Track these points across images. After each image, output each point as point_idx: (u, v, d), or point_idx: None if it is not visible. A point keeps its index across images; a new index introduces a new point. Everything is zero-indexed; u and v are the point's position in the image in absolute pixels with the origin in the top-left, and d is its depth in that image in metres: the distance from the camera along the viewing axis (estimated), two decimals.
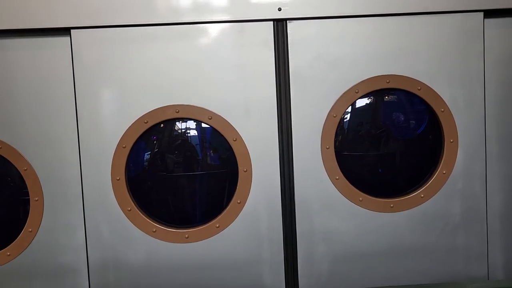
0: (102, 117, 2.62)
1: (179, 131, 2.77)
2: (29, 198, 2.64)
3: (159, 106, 2.60)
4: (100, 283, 2.68)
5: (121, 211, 2.64)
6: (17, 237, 2.65)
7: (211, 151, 2.86)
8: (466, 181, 2.73)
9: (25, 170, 2.62)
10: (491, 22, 2.67)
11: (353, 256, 2.72)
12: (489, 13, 2.65)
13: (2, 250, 2.65)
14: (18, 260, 2.66)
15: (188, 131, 2.78)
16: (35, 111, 2.60)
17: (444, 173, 2.71)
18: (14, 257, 2.66)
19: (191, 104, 2.61)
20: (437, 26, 2.65)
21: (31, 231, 2.65)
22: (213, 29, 2.60)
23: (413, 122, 2.86)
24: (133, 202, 2.65)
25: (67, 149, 2.62)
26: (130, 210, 2.64)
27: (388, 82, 2.66)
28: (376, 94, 2.74)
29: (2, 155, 2.61)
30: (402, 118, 2.83)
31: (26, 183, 2.63)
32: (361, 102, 2.76)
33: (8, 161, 2.62)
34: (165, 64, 2.60)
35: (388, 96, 2.80)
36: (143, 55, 2.58)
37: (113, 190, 2.63)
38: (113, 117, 2.62)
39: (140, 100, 2.60)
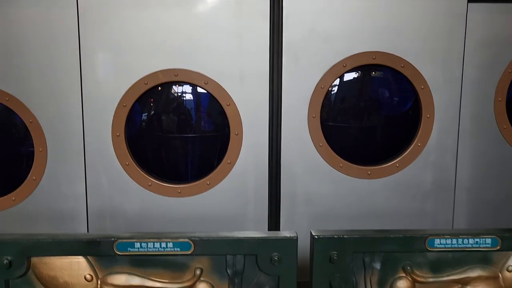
0: (105, 76, 2.78)
1: (177, 94, 2.95)
2: (33, 149, 2.82)
3: (159, 69, 2.76)
4: (98, 229, 2.90)
5: (119, 165, 2.84)
6: (22, 184, 2.85)
7: (206, 115, 3.05)
8: (438, 154, 2.96)
9: (30, 122, 2.79)
10: (475, 6, 2.84)
11: (331, 217, 2.97)
12: None
13: (8, 195, 2.85)
14: (22, 205, 2.86)
15: (185, 94, 2.96)
16: (41, 66, 2.74)
17: (419, 146, 2.94)
18: (19, 202, 2.86)
19: (189, 69, 2.78)
20: (424, 7, 2.81)
21: (35, 179, 2.84)
22: None
23: (394, 97, 3.07)
24: (131, 157, 2.85)
25: (71, 104, 2.79)
26: (128, 164, 2.85)
27: (374, 58, 2.84)
28: (363, 69, 2.93)
29: (9, 106, 2.77)
30: (385, 93, 3.04)
31: (31, 134, 2.80)
32: (348, 76, 2.95)
33: (15, 112, 2.78)
34: (167, 29, 2.74)
35: (373, 72, 2.99)
36: (147, 19, 2.72)
37: (113, 145, 2.82)
38: (115, 77, 2.78)
39: (141, 62, 2.75)
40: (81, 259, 2.05)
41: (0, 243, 1.97)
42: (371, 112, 3.05)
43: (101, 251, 2.01)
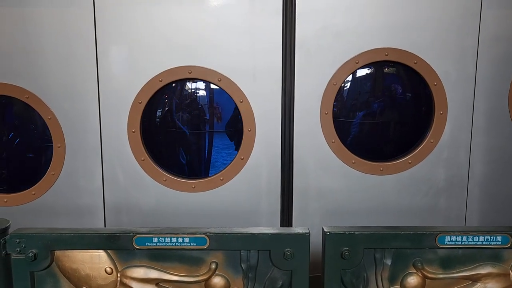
0: (121, 73, 2.84)
1: (191, 90, 2.99)
2: (52, 145, 2.90)
3: (173, 66, 2.81)
4: (114, 223, 2.99)
5: (135, 160, 2.91)
6: (41, 179, 2.93)
7: (219, 111, 3.09)
8: (451, 151, 2.97)
9: (49, 118, 2.86)
10: (489, 2, 2.83)
11: (343, 212, 3.00)
12: None
13: (28, 190, 2.94)
14: (42, 200, 2.95)
15: (198, 91, 3.01)
16: (59, 64, 2.81)
17: (431, 142, 2.95)
18: (38, 196, 2.95)
19: (203, 66, 2.82)
20: (437, 2, 2.81)
21: (53, 174, 2.93)
22: None
23: (407, 93, 3.07)
24: (147, 153, 2.92)
25: (88, 101, 2.85)
26: (143, 160, 2.91)
27: (387, 55, 2.85)
28: (375, 66, 2.94)
29: (29, 104, 2.84)
30: (397, 90, 3.04)
31: (50, 130, 2.88)
32: (360, 72, 2.96)
33: (34, 109, 2.86)
34: (181, 27, 2.78)
35: (386, 68, 3.00)
36: (161, 17, 2.76)
37: (129, 141, 2.89)
38: (131, 74, 2.83)
39: (156, 60, 2.81)
40: (101, 253, 2.12)
41: (25, 237, 2.05)
42: (384, 109, 3.06)
43: (121, 245, 2.08)
